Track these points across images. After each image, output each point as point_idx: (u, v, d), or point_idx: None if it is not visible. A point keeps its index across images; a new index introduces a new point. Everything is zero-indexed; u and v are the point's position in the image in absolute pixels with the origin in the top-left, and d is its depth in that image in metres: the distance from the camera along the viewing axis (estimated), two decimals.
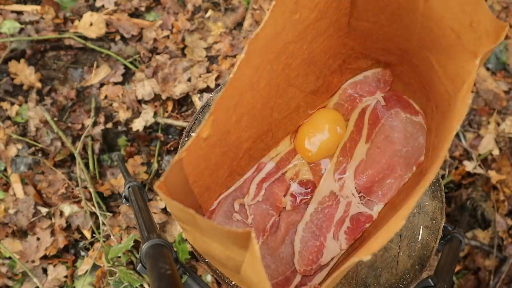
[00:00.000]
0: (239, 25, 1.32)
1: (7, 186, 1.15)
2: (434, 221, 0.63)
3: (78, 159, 1.13)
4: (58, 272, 1.06)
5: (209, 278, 1.03)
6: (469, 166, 1.14)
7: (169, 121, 1.19)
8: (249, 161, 0.61)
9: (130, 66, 1.26)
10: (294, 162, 0.65)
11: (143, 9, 1.33)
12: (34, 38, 1.26)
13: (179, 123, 1.19)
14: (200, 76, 1.23)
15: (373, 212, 0.62)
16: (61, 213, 1.11)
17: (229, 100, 0.42)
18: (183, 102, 1.24)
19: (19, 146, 1.18)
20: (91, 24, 1.28)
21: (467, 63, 0.42)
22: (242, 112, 0.46)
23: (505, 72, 1.25)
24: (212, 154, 0.46)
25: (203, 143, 0.41)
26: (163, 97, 1.21)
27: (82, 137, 1.16)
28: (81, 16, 1.30)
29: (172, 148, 1.19)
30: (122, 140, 1.20)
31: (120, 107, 1.20)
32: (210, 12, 1.32)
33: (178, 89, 1.21)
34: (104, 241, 1.07)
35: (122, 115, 1.20)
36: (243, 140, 0.52)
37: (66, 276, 1.06)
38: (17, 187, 1.14)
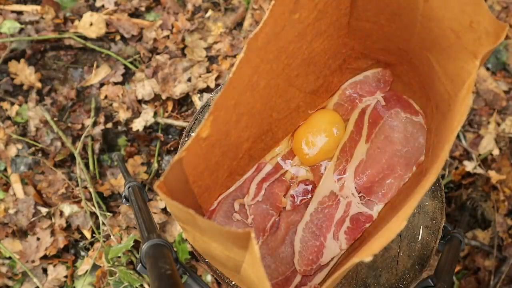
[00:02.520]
0: (239, 25, 1.32)
1: (7, 186, 1.15)
2: (434, 221, 0.63)
3: (78, 159, 1.13)
4: (58, 272, 1.06)
5: (209, 278, 1.03)
6: (469, 166, 1.14)
7: (169, 121, 1.19)
8: (249, 161, 0.61)
9: (130, 66, 1.26)
10: (294, 162, 0.65)
11: (143, 9, 1.33)
12: (34, 38, 1.26)
13: (179, 123, 1.19)
14: (200, 76, 1.23)
15: (373, 212, 0.62)
16: (61, 213, 1.11)
17: (228, 100, 0.42)
18: (183, 102, 1.24)
19: (19, 146, 1.18)
20: (91, 24, 1.28)
21: (467, 64, 0.42)
22: (241, 112, 0.46)
23: (505, 72, 1.25)
24: (212, 154, 0.46)
25: (203, 143, 0.41)
26: (163, 97, 1.21)
27: (82, 137, 1.16)
28: (81, 16, 1.30)
29: (172, 148, 1.19)
30: (122, 140, 1.20)
31: (120, 107, 1.20)
32: (210, 12, 1.32)
33: (178, 89, 1.21)
34: (104, 241, 1.07)
35: (122, 115, 1.20)
36: (243, 140, 0.52)
37: (66, 276, 1.06)
38: (17, 187, 1.14)
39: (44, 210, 1.11)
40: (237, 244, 0.33)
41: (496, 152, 1.15)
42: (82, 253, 1.10)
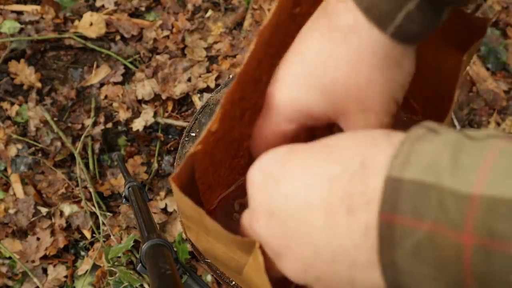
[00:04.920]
0: (239, 25, 1.32)
1: (7, 186, 1.15)
2: None
3: (78, 159, 1.13)
4: (58, 272, 1.06)
5: (209, 278, 1.03)
6: None
7: (169, 121, 1.19)
8: (249, 160, 0.60)
9: (130, 66, 1.26)
10: None
11: (143, 9, 1.33)
12: (34, 38, 1.26)
13: (179, 123, 1.19)
14: (200, 76, 1.23)
15: None
16: (61, 213, 1.11)
17: (235, 94, 0.42)
18: (183, 102, 1.24)
19: (19, 146, 1.18)
20: (91, 24, 1.28)
21: (456, 59, 0.44)
22: (245, 107, 0.47)
23: (505, 72, 1.25)
24: (217, 150, 0.46)
25: (211, 137, 0.41)
26: (163, 97, 1.21)
27: (82, 137, 1.16)
28: (81, 16, 1.30)
29: (172, 148, 1.19)
30: (122, 140, 1.20)
31: (120, 107, 1.20)
32: (210, 12, 1.32)
33: (178, 89, 1.21)
34: (104, 241, 1.07)
35: (122, 115, 1.20)
36: (245, 138, 0.52)
37: (66, 276, 1.06)
38: (17, 187, 1.14)
39: (44, 210, 1.11)
40: (241, 249, 0.33)
41: None
42: (82, 253, 1.10)
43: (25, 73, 1.24)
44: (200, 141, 0.38)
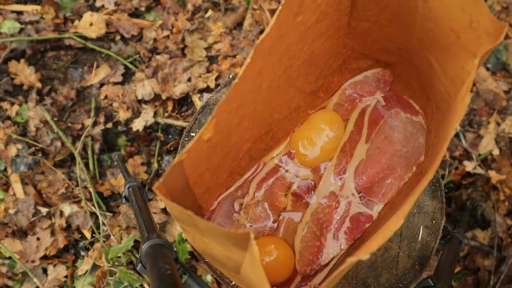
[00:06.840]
0: (239, 25, 1.32)
1: (7, 186, 1.15)
2: (434, 221, 0.63)
3: (78, 159, 1.13)
4: (58, 272, 1.06)
5: (209, 278, 1.03)
6: (469, 166, 1.14)
7: (169, 121, 1.19)
8: (249, 161, 0.61)
9: (130, 66, 1.26)
10: (294, 162, 0.65)
11: (143, 9, 1.33)
12: (34, 38, 1.26)
13: (179, 123, 1.19)
14: (200, 76, 1.23)
15: (373, 212, 0.62)
16: (61, 213, 1.11)
17: (232, 103, 0.42)
18: (183, 102, 1.24)
19: (19, 146, 1.18)
20: (91, 24, 1.28)
21: (467, 63, 0.42)
22: (243, 114, 0.46)
23: (505, 72, 1.25)
24: (214, 156, 0.46)
25: (204, 145, 0.41)
26: (163, 97, 1.21)
27: (82, 137, 1.16)
28: (81, 16, 1.30)
29: (172, 148, 1.19)
30: (122, 140, 1.20)
31: (120, 107, 1.20)
32: (210, 12, 1.32)
33: (178, 89, 1.21)
34: (104, 241, 1.07)
35: (122, 115, 1.20)
36: (244, 141, 0.52)
37: (66, 276, 1.06)
38: (17, 187, 1.14)
39: (44, 210, 1.11)
40: (237, 245, 0.33)
41: (496, 152, 1.15)
42: (82, 253, 1.10)
43: (25, 73, 1.24)
44: (187, 150, 0.38)
